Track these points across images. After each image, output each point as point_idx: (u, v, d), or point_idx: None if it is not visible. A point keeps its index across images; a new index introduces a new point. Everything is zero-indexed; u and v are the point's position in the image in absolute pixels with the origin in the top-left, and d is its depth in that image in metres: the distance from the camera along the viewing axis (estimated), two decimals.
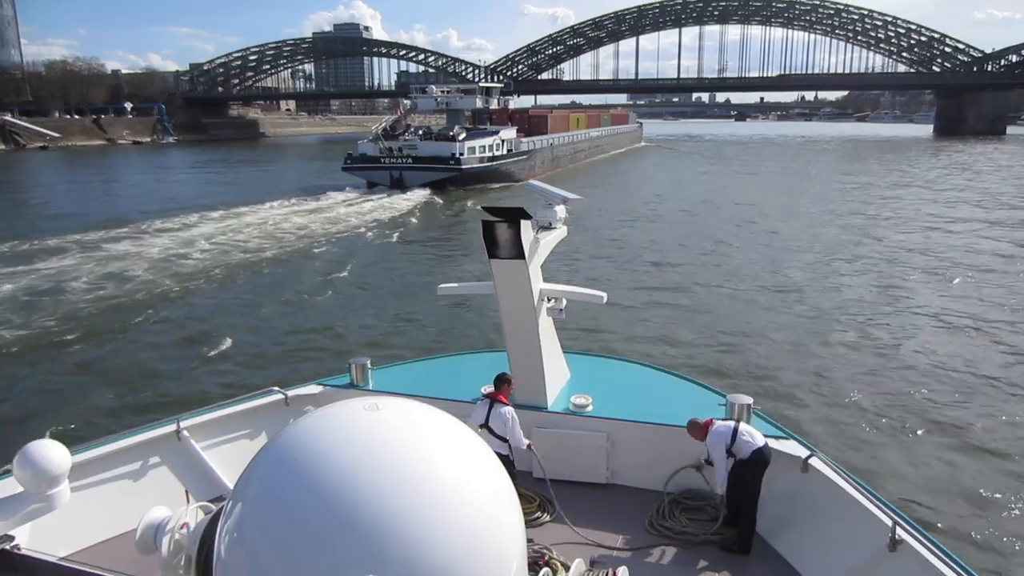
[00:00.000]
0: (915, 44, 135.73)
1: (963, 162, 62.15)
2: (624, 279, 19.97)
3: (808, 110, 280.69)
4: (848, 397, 11.40)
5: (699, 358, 13.31)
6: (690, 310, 16.78)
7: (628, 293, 17.87)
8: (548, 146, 58.09)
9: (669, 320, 15.93)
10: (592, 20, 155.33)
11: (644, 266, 21.75)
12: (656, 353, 13.05)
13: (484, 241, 5.53)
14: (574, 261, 21.58)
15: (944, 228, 28.61)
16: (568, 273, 19.11)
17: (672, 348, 13.93)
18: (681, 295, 18.16)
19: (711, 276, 20.18)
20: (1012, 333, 14.89)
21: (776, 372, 12.55)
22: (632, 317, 15.98)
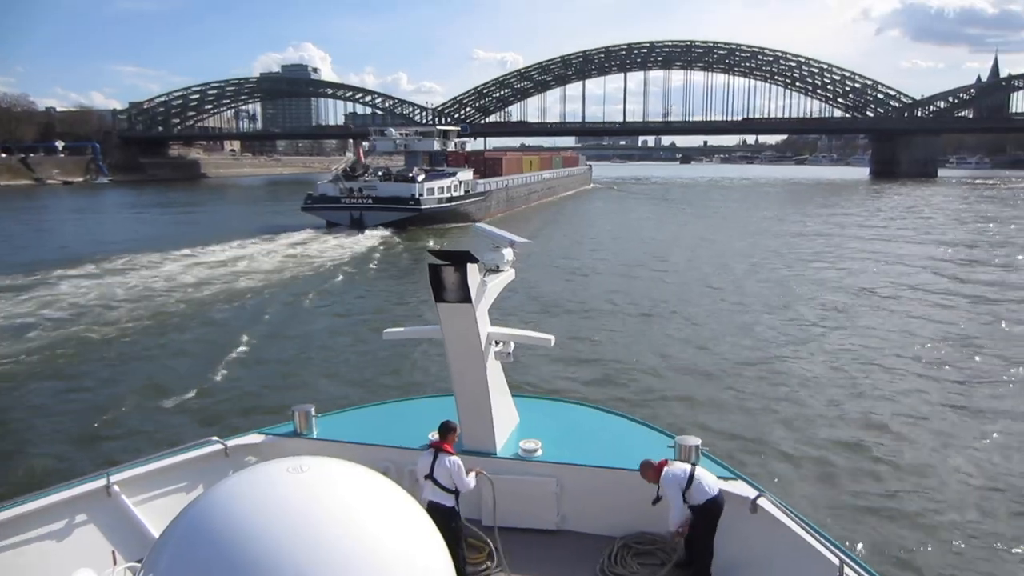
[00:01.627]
0: (849, 90, 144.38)
1: (908, 205, 65.92)
2: (573, 320, 20.07)
3: (750, 153, 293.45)
4: (793, 434, 11.76)
5: (645, 399, 13.50)
6: (638, 351, 16.89)
7: (577, 334, 18.08)
8: (503, 187, 59.90)
9: (615, 361, 16.04)
10: (539, 64, 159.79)
11: (593, 307, 21.98)
12: (603, 395, 13.27)
13: (430, 285, 5.57)
14: (521, 303, 21.50)
15: (896, 264, 30.43)
16: (516, 315, 18.96)
17: (619, 389, 14.08)
18: (629, 335, 18.36)
19: (660, 317, 20.48)
20: (956, 363, 15.88)
21: (723, 412, 12.84)
22: (578, 359, 16.05)
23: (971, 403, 13.22)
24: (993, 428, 11.96)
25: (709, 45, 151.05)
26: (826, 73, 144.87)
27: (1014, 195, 78.04)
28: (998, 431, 11.80)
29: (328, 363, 16.48)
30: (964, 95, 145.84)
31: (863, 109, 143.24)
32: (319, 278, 27.54)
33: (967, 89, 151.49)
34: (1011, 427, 11.96)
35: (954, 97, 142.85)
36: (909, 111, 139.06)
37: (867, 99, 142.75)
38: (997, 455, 10.95)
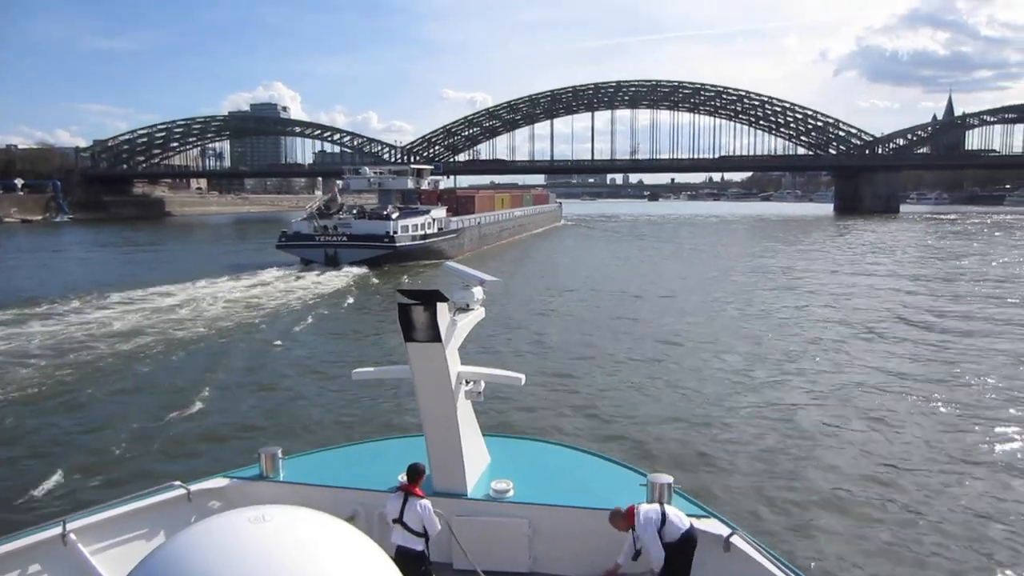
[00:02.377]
0: (812, 129, 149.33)
1: (879, 241, 67.75)
2: (545, 359, 20.20)
3: (716, 190, 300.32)
4: (764, 471, 11.92)
5: (618, 437, 13.62)
6: (609, 388, 17.02)
7: (549, 372, 18.25)
8: (476, 225, 60.93)
9: (587, 399, 16.16)
10: (507, 103, 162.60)
11: (564, 345, 22.15)
12: (575, 433, 13.42)
13: (400, 324, 5.60)
14: (492, 342, 21.47)
15: (882, 300, 31.49)
16: (486, 354, 18.74)
17: (591, 428, 14.19)
18: (601, 373, 18.48)
19: (633, 355, 20.64)
20: (924, 397, 16.41)
21: (693, 449, 13.00)
22: (550, 397, 16.17)
23: (943, 440, 13.61)
24: (977, 469, 12.14)
25: (675, 84, 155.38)
26: (789, 112, 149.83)
27: (979, 230, 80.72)
28: (982, 473, 11.96)
29: (297, 403, 16.31)
30: (922, 132, 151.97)
31: (825, 147, 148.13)
32: (291, 316, 27.53)
33: (924, 127, 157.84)
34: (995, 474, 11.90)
35: (912, 135, 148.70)
36: (870, 148, 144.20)
37: (829, 137, 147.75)
38: (983, 500, 10.99)
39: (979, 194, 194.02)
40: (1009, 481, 11.44)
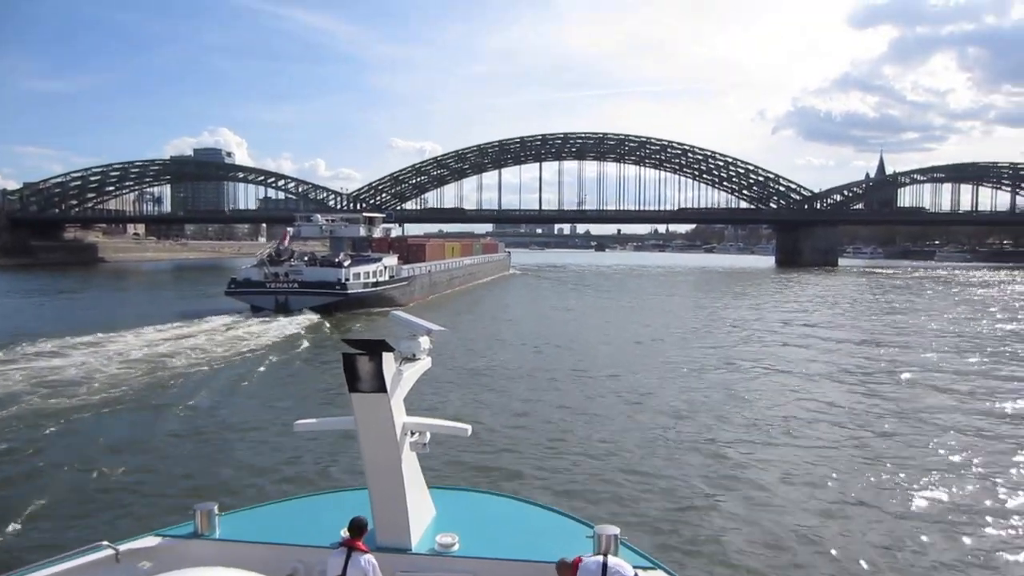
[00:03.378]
0: (753, 183, 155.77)
1: (824, 294, 70.57)
2: (492, 409, 20.27)
3: (662, 241, 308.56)
4: (708, 521, 12.24)
5: (564, 488, 13.81)
6: (557, 440, 17.16)
7: (496, 423, 18.42)
8: (427, 273, 61.64)
9: (533, 450, 16.31)
10: (455, 152, 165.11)
11: (511, 395, 22.29)
12: (521, 485, 13.57)
13: (344, 374, 5.53)
14: (438, 391, 21.50)
15: (821, 351, 33.08)
16: (432, 404, 18.95)
17: (537, 479, 14.36)
18: (549, 425, 18.69)
19: (581, 407, 20.87)
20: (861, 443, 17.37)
21: (641, 500, 13.21)
22: (496, 448, 16.28)
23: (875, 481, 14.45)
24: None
25: (621, 137, 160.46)
26: (731, 166, 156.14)
27: (919, 284, 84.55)
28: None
29: (236, 456, 15.84)
30: (857, 189, 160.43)
31: (767, 201, 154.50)
32: (236, 364, 27.21)
33: (859, 184, 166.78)
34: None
35: (848, 191, 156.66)
36: (809, 203, 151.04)
37: (770, 191, 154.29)
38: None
39: (911, 249, 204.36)
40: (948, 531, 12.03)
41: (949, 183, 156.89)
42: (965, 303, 56.68)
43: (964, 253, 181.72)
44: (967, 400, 21.68)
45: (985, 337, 36.09)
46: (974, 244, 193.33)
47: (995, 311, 49.70)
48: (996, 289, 73.91)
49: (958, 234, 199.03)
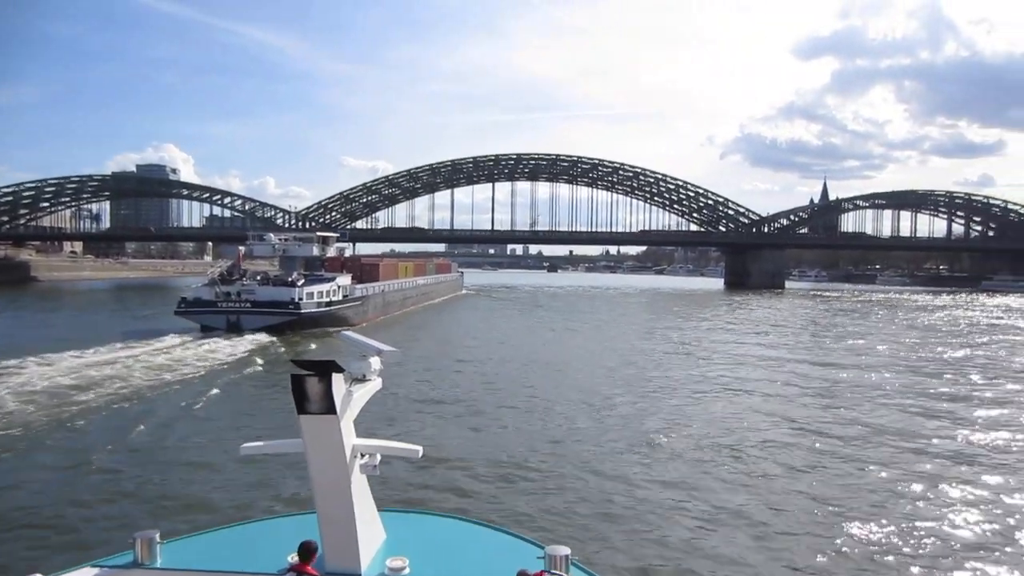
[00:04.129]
0: (703, 206, 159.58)
1: (769, 316, 72.53)
2: (443, 429, 20.31)
3: (613, 263, 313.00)
4: (660, 540, 12.42)
5: (516, 509, 13.81)
6: (507, 460, 17.17)
7: (446, 444, 18.41)
8: (380, 292, 61.44)
9: (484, 470, 16.31)
10: (407, 171, 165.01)
11: (462, 416, 22.31)
12: (472, 506, 13.54)
13: (293, 395, 5.46)
14: (388, 412, 21.28)
15: (773, 370, 34.00)
16: (382, 425, 18.88)
17: (488, 500, 14.33)
18: (499, 445, 18.75)
19: (529, 426, 20.96)
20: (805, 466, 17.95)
21: (592, 520, 13.26)
22: (446, 469, 16.27)
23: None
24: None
25: (573, 159, 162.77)
26: (681, 190, 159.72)
27: (867, 307, 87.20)
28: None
29: (179, 480, 15.37)
30: (803, 214, 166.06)
31: (716, 224, 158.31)
32: (184, 385, 26.62)
33: (805, 209, 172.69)
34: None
35: (794, 216, 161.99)
36: (757, 227, 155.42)
37: (719, 215, 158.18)
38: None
39: (853, 273, 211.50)
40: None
41: (889, 210, 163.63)
42: (918, 328, 58.47)
43: (903, 277, 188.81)
44: (937, 427, 22.37)
45: (944, 363, 37.26)
46: (912, 269, 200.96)
47: (947, 336, 51.36)
48: (943, 313, 76.80)
49: (897, 259, 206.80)
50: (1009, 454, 18.38)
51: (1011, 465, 17.32)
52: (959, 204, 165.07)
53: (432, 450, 16.71)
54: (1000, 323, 64.75)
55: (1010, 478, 16.18)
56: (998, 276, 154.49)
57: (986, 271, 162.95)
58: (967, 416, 23.10)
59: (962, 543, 12.51)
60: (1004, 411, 23.98)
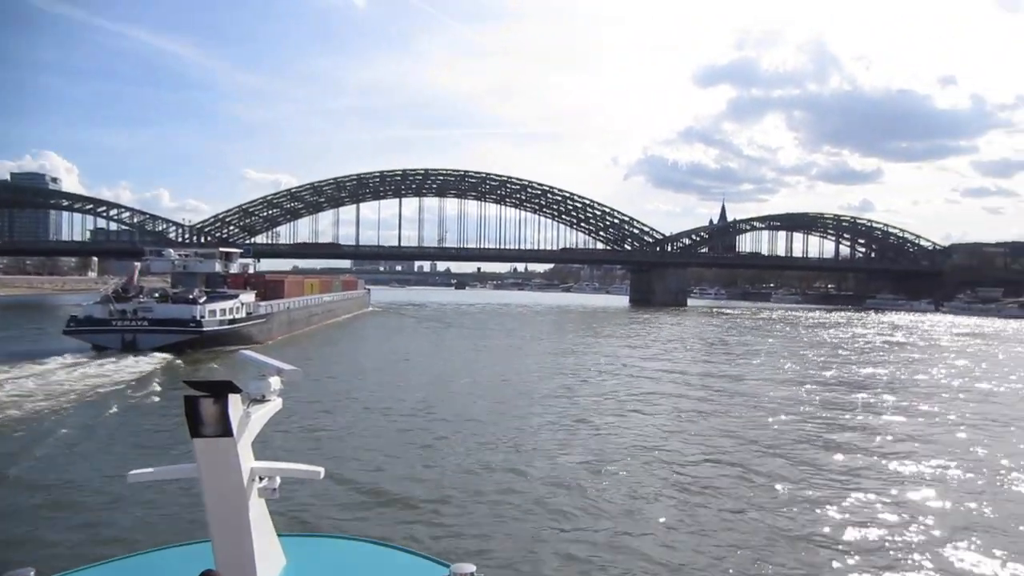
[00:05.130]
0: (609, 225, 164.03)
1: (679, 334, 75.07)
2: (345, 450, 19.98)
3: (521, 280, 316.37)
4: (566, 556, 12.63)
5: (418, 527, 13.82)
6: (408, 479, 17.14)
7: (348, 464, 18.18)
8: (285, 310, 60.14)
9: (385, 489, 16.22)
10: (311, 185, 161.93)
11: (366, 434, 22.11)
12: (374, 526, 13.44)
13: (186, 418, 5.24)
14: (289, 434, 20.75)
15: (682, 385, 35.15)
16: (282, 446, 18.43)
17: (390, 519, 14.24)
18: (400, 463, 18.64)
19: (436, 444, 20.94)
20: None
21: (495, 537, 13.36)
22: (349, 490, 16.09)
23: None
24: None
25: (482, 176, 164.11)
26: (588, 208, 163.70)
27: (768, 324, 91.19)
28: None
29: (62, 511, 14.50)
30: (704, 234, 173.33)
31: (622, 242, 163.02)
32: (69, 411, 25.22)
33: (705, 229, 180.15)
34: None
35: (696, 235, 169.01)
36: (661, 246, 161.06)
37: (625, 233, 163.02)
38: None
39: (750, 291, 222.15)
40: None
41: (783, 231, 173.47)
42: (819, 345, 61.39)
43: (796, 295, 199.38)
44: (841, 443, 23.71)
45: (855, 377, 39.55)
46: (804, 288, 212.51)
47: (847, 353, 54.13)
48: (841, 330, 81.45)
49: (790, 278, 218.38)
50: (906, 463, 19.67)
51: (904, 476, 18.61)
52: (845, 227, 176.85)
53: (333, 472, 16.46)
54: (894, 339, 69.38)
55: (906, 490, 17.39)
56: (880, 295, 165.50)
57: (870, 290, 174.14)
58: (873, 424, 24.58)
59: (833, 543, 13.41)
60: (909, 419, 25.76)
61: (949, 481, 17.95)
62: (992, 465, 19.56)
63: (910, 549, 13.28)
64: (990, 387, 36.11)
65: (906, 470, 18.94)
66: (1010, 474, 18.66)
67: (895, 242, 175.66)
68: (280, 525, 5.25)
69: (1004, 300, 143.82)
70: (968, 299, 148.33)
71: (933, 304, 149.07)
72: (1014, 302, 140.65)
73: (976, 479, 18.15)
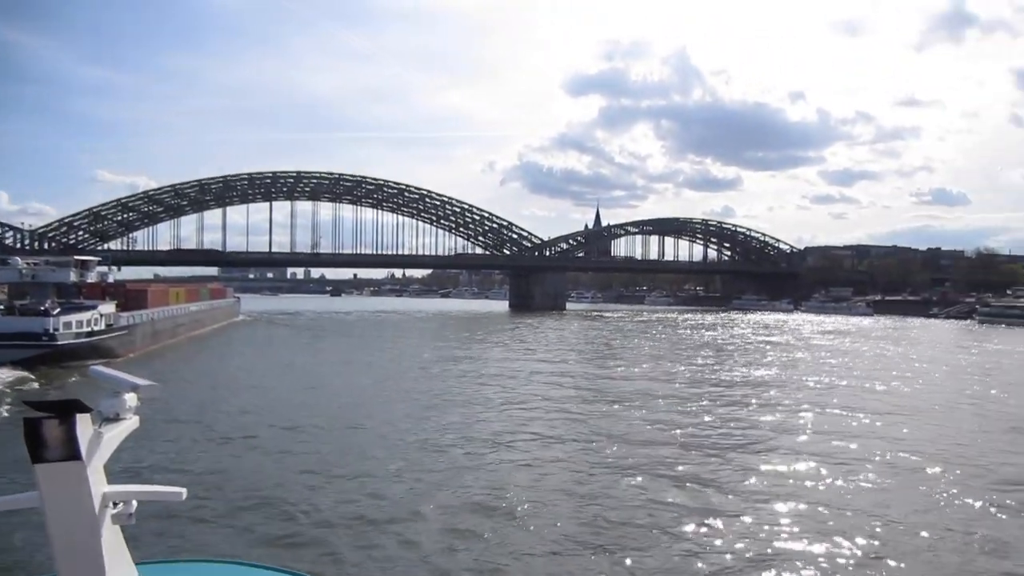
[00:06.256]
0: (488, 230, 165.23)
1: (564, 338, 76.25)
2: (208, 467, 19.16)
3: (399, 286, 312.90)
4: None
5: (291, 544, 13.56)
6: (277, 494, 16.62)
7: (211, 481, 17.39)
8: (149, 320, 56.56)
9: (254, 505, 15.79)
10: (171, 187, 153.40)
11: (233, 449, 21.41)
12: (243, 548, 13.03)
13: (26, 442, 4.64)
14: (151, 452, 19.60)
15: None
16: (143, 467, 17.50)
17: (260, 539, 13.88)
18: (269, 479, 18.13)
19: (299, 462, 20.20)
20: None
21: (369, 552, 13.23)
22: (216, 508, 15.51)
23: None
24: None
25: (358, 179, 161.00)
26: (467, 213, 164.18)
27: (648, 326, 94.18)
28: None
29: None
30: (580, 239, 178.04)
31: (500, 247, 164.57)
32: None
33: (581, 234, 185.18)
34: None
35: (572, 240, 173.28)
36: (539, 250, 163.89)
37: (503, 238, 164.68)
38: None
39: (624, 294, 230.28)
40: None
41: (655, 235, 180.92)
42: (705, 346, 63.50)
43: (668, 297, 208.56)
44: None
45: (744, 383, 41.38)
46: (675, 290, 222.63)
47: (735, 353, 56.61)
48: (720, 331, 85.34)
49: (662, 280, 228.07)
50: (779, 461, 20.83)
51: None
52: (712, 231, 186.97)
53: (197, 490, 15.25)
54: (772, 339, 73.59)
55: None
56: (745, 296, 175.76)
57: (735, 291, 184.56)
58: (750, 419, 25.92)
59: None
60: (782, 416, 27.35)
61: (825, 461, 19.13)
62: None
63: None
64: (867, 383, 39.02)
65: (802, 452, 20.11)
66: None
67: (757, 245, 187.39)
68: (138, 552, 4.85)
69: (853, 299, 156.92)
70: (823, 298, 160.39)
71: (792, 303, 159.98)
72: (862, 300, 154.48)
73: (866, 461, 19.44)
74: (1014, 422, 26.86)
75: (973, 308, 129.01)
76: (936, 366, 48.88)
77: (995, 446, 22.51)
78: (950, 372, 45.52)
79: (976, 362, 52.36)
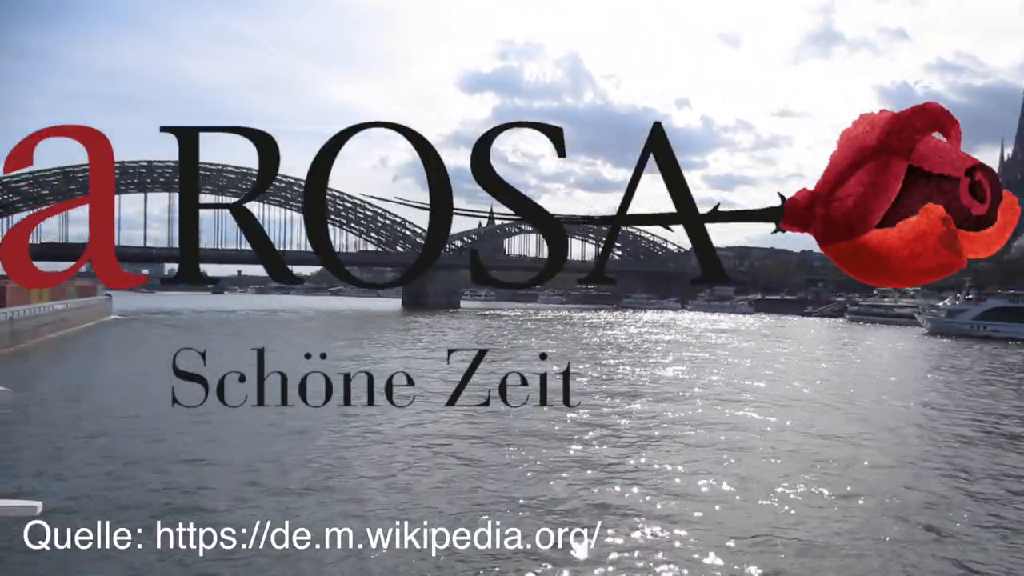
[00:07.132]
0: (381, 226, 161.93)
1: (463, 338, 76.02)
2: (71, 479, 17.70)
3: (286, 284, 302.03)
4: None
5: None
6: (142, 510, 15.23)
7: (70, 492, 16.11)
8: (7, 320, 51.45)
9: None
10: (30, 174, 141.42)
11: (93, 460, 19.45)
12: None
13: None
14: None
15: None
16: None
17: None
18: (135, 495, 16.64)
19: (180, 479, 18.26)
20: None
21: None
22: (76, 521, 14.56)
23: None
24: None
25: (243, 171, 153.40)
26: (359, 208, 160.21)
27: (548, 325, 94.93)
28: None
29: None
30: (475, 236, 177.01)
31: (393, 244, 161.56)
32: None
33: (475, 232, 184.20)
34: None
35: (467, 238, 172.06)
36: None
37: (397, 235, 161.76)
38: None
39: (518, 292, 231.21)
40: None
41: None
42: (607, 346, 63.43)
43: (560, 296, 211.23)
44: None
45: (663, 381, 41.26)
46: (567, 288, 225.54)
47: (638, 353, 56.58)
48: (619, 329, 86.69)
49: (555, 279, 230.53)
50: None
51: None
52: (604, 231, 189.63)
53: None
54: (671, 338, 74.95)
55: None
56: (635, 294, 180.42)
57: (625, 290, 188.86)
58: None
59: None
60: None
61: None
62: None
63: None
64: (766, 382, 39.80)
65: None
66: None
67: (646, 245, 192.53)
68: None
69: (736, 298, 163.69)
70: (708, 297, 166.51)
71: (679, 302, 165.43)
72: (743, 300, 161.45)
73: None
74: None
75: (844, 307, 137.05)
76: (828, 363, 50.78)
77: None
78: (844, 371, 47.26)
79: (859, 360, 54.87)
